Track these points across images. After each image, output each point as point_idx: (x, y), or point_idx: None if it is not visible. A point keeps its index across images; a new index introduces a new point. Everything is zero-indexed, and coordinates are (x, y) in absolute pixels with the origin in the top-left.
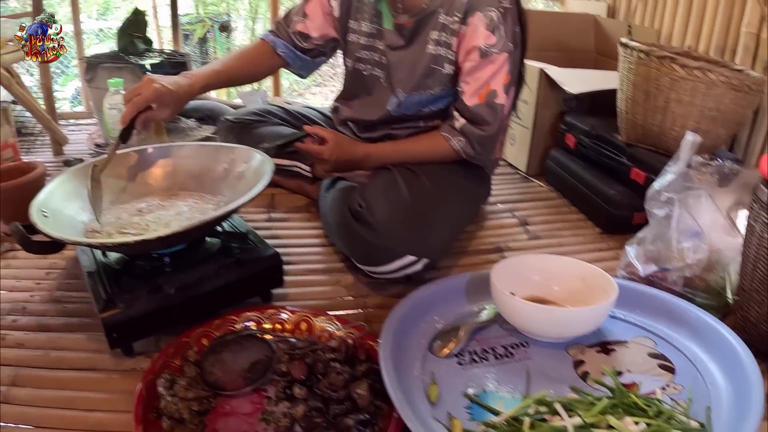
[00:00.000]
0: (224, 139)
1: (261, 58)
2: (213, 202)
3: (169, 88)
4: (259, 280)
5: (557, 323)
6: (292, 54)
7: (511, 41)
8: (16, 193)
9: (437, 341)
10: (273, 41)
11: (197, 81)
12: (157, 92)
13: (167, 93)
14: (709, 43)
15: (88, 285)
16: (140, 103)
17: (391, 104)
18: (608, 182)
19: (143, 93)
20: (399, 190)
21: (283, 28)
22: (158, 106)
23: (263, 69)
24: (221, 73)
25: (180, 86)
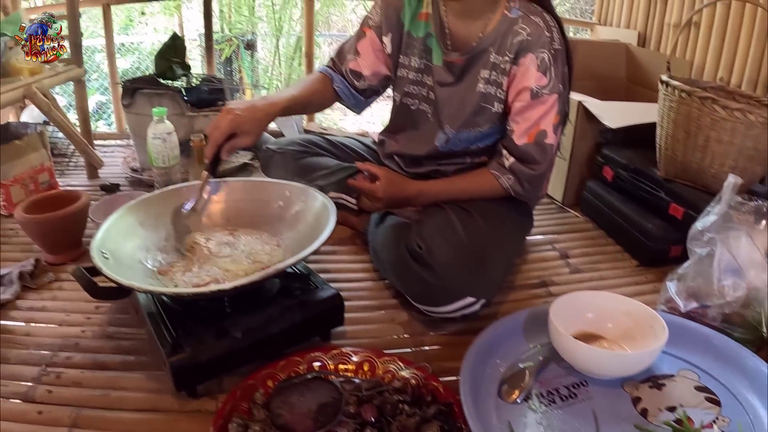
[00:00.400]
0: (266, 168)
1: (324, 90)
2: (274, 242)
3: (246, 116)
4: (321, 320)
5: (618, 365)
6: (347, 90)
7: (561, 82)
8: (61, 224)
9: (504, 385)
10: (331, 75)
11: (277, 104)
12: (234, 122)
13: (245, 120)
14: (741, 76)
15: (150, 326)
16: (219, 139)
17: (439, 140)
18: (646, 216)
19: (221, 126)
20: (456, 231)
21: (337, 64)
22: (240, 133)
23: (326, 100)
24: (297, 99)
25: (257, 110)
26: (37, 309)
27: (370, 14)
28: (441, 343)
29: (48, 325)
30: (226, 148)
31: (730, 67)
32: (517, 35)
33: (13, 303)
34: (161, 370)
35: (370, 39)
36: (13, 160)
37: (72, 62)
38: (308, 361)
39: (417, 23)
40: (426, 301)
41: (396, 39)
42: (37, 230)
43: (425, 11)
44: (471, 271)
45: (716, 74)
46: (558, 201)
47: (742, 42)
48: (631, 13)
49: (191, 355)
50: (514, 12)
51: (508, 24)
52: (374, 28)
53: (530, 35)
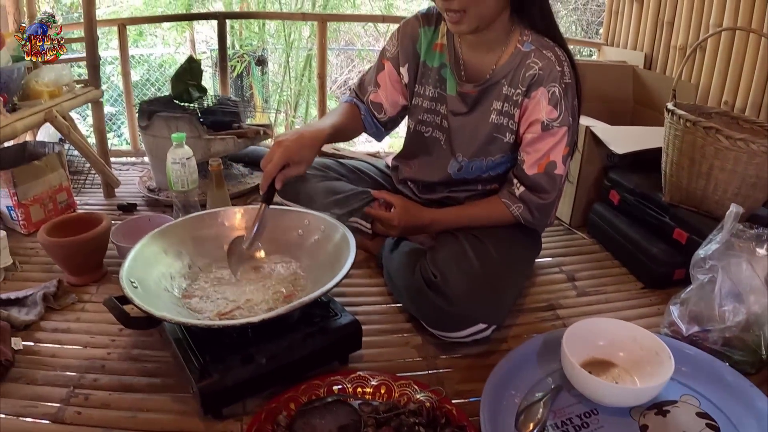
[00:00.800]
0: (282, 191)
1: (355, 120)
2: (295, 271)
3: (296, 146)
4: (340, 345)
5: (628, 397)
6: (370, 120)
7: (571, 115)
8: (84, 247)
9: (521, 416)
10: (358, 105)
11: (323, 131)
12: (286, 154)
13: (296, 150)
14: (746, 99)
15: (177, 352)
16: (273, 171)
17: (452, 167)
18: (651, 240)
19: (274, 159)
20: (469, 261)
21: (359, 95)
22: (292, 163)
23: (357, 129)
24: (338, 127)
25: (306, 139)
26: (62, 330)
27: (388, 46)
28: (453, 365)
29: (73, 346)
30: (280, 177)
31: (734, 91)
32: (529, 69)
33: (38, 324)
34: (187, 392)
35: (388, 71)
36: (33, 181)
37: (90, 84)
38: (328, 385)
39: (432, 53)
40: (439, 326)
41: (412, 68)
42: (60, 253)
43: (440, 42)
44: (484, 300)
45: (721, 98)
46: (566, 222)
47: (746, 67)
48: (638, 34)
49: (219, 380)
50: (527, 46)
51: (521, 57)
52: (392, 60)
53: (542, 69)
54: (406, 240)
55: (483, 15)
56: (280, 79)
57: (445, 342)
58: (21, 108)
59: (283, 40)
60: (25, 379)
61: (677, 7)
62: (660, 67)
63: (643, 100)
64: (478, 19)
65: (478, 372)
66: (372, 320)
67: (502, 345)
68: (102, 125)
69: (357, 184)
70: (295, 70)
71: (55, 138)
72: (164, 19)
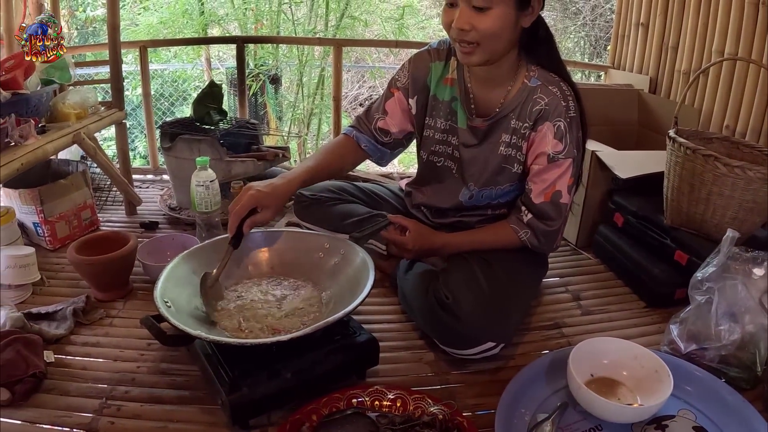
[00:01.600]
0: (300, 213)
1: (347, 153)
2: (316, 293)
3: (266, 191)
4: (359, 361)
5: (630, 415)
6: (373, 147)
7: (575, 147)
8: (111, 265)
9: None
10: (357, 137)
11: (294, 180)
12: (254, 198)
13: (264, 196)
14: (747, 124)
15: (207, 366)
16: (241, 213)
17: (463, 195)
18: (653, 261)
19: (242, 202)
20: (479, 283)
21: (365, 123)
22: (260, 208)
23: (349, 163)
24: (313, 169)
25: (276, 187)
26: (92, 344)
27: (398, 77)
28: (464, 381)
29: (104, 360)
30: (248, 223)
31: (735, 117)
32: (536, 104)
33: (68, 338)
34: (215, 404)
35: (397, 99)
36: (58, 198)
37: (114, 106)
38: (348, 398)
39: (442, 87)
40: (451, 344)
41: (422, 101)
42: (89, 271)
43: (450, 76)
44: (493, 320)
45: (723, 122)
46: (572, 243)
47: (746, 94)
48: (644, 58)
49: (247, 393)
50: (534, 81)
51: (528, 92)
52: (401, 90)
53: (548, 104)
54: (420, 262)
55: (495, 49)
56: (293, 96)
57: (457, 358)
58: (49, 130)
59: (296, 59)
60: (58, 391)
61: (681, 33)
62: (665, 91)
63: (648, 123)
64: (490, 53)
65: (487, 387)
66: (387, 337)
67: (510, 362)
68: (125, 146)
69: (372, 207)
70: (308, 88)
71: (77, 156)
72: (185, 42)
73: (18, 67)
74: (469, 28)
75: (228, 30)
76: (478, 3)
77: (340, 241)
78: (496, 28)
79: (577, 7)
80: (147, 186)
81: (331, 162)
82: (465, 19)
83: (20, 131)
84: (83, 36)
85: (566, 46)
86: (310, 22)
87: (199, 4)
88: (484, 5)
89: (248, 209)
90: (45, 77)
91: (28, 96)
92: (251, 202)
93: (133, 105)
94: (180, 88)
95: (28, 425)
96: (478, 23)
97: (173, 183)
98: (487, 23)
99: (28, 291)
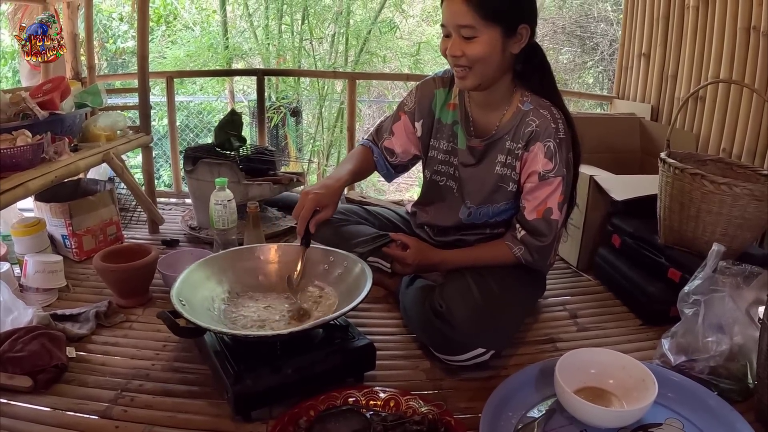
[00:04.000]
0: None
1: (368, 161)
2: (319, 298)
3: (324, 192)
4: (356, 364)
5: (615, 419)
6: (382, 162)
7: (565, 167)
8: (134, 273)
9: None
10: (372, 148)
11: (342, 178)
12: (315, 200)
13: (323, 197)
14: (742, 146)
15: (215, 361)
16: (307, 216)
17: (462, 213)
18: (648, 279)
19: (305, 205)
20: (472, 293)
21: (375, 140)
22: (321, 208)
23: (371, 169)
24: (353, 171)
25: (329, 187)
26: (111, 344)
27: (406, 101)
28: (456, 387)
29: (121, 357)
30: (313, 222)
31: (731, 139)
32: (528, 126)
33: (90, 337)
34: (222, 399)
35: (404, 122)
36: (86, 214)
37: (141, 130)
38: (344, 397)
39: (446, 112)
40: (444, 350)
41: (427, 124)
42: (113, 277)
43: (453, 102)
44: (482, 327)
45: (720, 145)
46: (573, 266)
47: (741, 116)
48: (646, 87)
49: (250, 385)
50: (527, 105)
51: (522, 116)
52: (408, 114)
53: (539, 126)
54: (420, 278)
55: (486, 73)
56: (313, 129)
57: (451, 367)
58: (81, 148)
59: (317, 93)
60: (77, 382)
61: (680, 61)
62: (665, 118)
63: (649, 150)
64: (481, 76)
65: (479, 393)
66: (387, 347)
67: (502, 371)
68: (151, 167)
69: (379, 228)
70: (327, 121)
71: (105, 176)
72: (209, 73)
73: (55, 90)
74: (460, 54)
75: (251, 64)
76: (466, 33)
77: (344, 256)
78: (485, 53)
79: (595, 42)
80: (170, 208)
81: (362, 165)
82: (456, 46)
83: (55, 148)
84: (112, 67)
85: (586, 81)
86: (330, 58)
87: (224, 39)
88: (471, 35)
89: (312, 211)
90: (79, 101)
91: (63, 116)
92: (313, 204)
93: (159, 135)
94: (205, 120)
95: (47, 410)
96: (467, 50)
97: (194, 204)
98: (476, 49)
99: (54, 295)
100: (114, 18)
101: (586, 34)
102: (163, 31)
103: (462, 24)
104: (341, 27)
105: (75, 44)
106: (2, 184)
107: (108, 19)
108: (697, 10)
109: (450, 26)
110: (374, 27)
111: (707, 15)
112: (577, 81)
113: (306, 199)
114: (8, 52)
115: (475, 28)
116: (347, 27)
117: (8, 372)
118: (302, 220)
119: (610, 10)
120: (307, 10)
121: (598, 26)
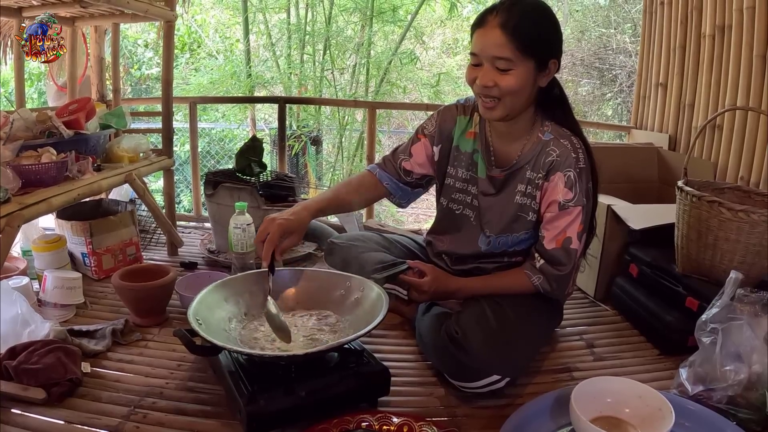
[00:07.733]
0: (329, 258)
1: (367, 189)
2: (334, 323)
3: (291, 219)
4: (370, 389)
5: None
6: (395, 186)
7: (585, 196)
8: (151, 293)
9: None
10: (379, 174)
11: (311, 207)
12: (281, 227)
13: (290, 224)
14: (760, 174)
15: (229, 381)
16: (274, 241)
17: (481, 242)
18: (666, 309)
19: (271, 231)
20: (488, 321)
21: (391, 162)
22: (287, 236)
23: (368, 198)
24: (331, 200)
25: (297, 214)
26: (126, 361)
27: (426, 125)
28: (470, 414)
29: (135, 375)
30: (279, 250)
31: (749, 167)
32: (548, 156)
33: (105, 354)
34: (235, 419)
35: (423, 144)
36: (107, 233)
37: (164, 153)
38: (357, 421)
39: (465, 140)
40: (459, 377)
41: (445, 150)
42: (130, 296)
43: (473, 130)
44: (498, 354)
45: (738, 174)
46: (590, 296)
47: (758, 144)
48: (663, 117)
49: (264, 406)
50: (547, 135)
51: (542, 146)
52: (428, 137)
53: (559, 156)
54: (437, 305)
55: (514, 105)
56: (333, 158)
57: (466, 394)
58: (104, 168)
59: (337, 122)
60: (90, 397)
61: (696, 90)
62: (683, 148)
63: (667, 179)
64: (510, 108)
65: (493, 420)
66: (402, 373)
67: (517, 399)
68: (172, 190)
69: (396, 255)
70: (347, 150)
71: (126, 198)
72: (231, 100)
73: (81, 110)
74: (493, 84)
75: (273, 92)
76: (501, 66)
77: (361, 281)
78: (518, 86)
79: (614, 74)
80: (189, 231)
81: (346, 196)
82: (489, 77)
83: (79, 166)
84: (136, 92)
85: (605, 113)
86: (351, 87)
87: (247, 68)
88: (507, 67)
89: (279, 237)
90: (104, 122)
91: (87, 136)
92: (280, 230)
93: (181, 161)
94: (226, 147)
95: (60, 423)
96: (500, 81)
97: (213, 228)
98: (510, 81)
99: (71, 311)
100: (139, 44)
101: (605, 66)
102: (187, 58)
103: (498, 56)
104: (362, 58)
105: (101, 67)
106: (26, 199)
107: (133, 45)
108: (713, 39)
109: (483, 56)
110: (395, 58)
111: (723, 44)
112: (596, 113)
113: (272, 225)
114: (35, 74)
115: (511, 60)
116: (368, 58)
117: (23, 383)
118: (269, 245)
119: (628, 42)
120: (329, 40)
121: (617, 58)
